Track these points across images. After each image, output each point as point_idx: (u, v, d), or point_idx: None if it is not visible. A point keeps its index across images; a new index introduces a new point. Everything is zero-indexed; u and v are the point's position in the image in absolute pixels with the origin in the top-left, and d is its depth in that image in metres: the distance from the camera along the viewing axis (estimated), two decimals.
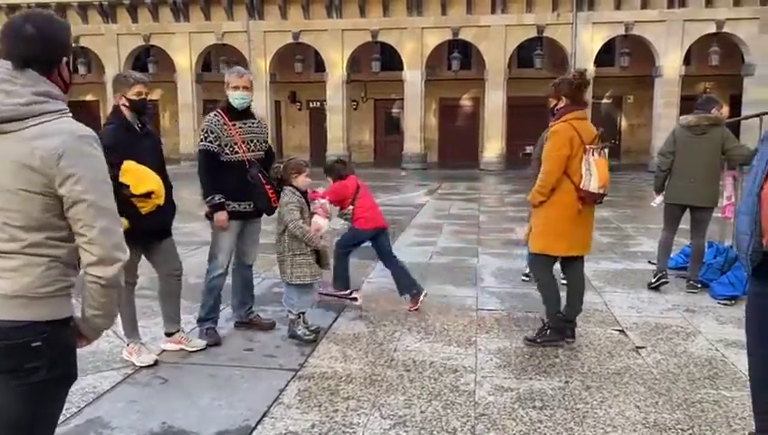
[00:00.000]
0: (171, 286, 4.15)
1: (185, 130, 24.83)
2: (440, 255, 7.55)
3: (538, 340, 4.35)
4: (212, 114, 4.34)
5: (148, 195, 3.67)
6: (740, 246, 2.38)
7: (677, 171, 5.70)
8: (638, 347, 4.33)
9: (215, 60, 25.84)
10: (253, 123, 4.45)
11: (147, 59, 24.61)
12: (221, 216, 4.26)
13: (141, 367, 3.89)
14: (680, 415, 3.29)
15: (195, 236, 8.71)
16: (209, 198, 4.25)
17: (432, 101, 26.00)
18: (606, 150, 4.25)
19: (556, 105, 4.40)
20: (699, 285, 5.76)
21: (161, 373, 3.85)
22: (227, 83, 4.36)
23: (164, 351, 4.18)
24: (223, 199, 4.26)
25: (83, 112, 28.67)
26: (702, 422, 3.21)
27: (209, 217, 4.37)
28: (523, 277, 6.19)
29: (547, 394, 3.54)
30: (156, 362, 3.96)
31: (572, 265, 4.45)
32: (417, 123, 23.30)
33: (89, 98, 28.78)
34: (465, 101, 26.93)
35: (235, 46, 23.76)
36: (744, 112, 18.08)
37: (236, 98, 4.36)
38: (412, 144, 23.48)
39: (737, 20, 20.54)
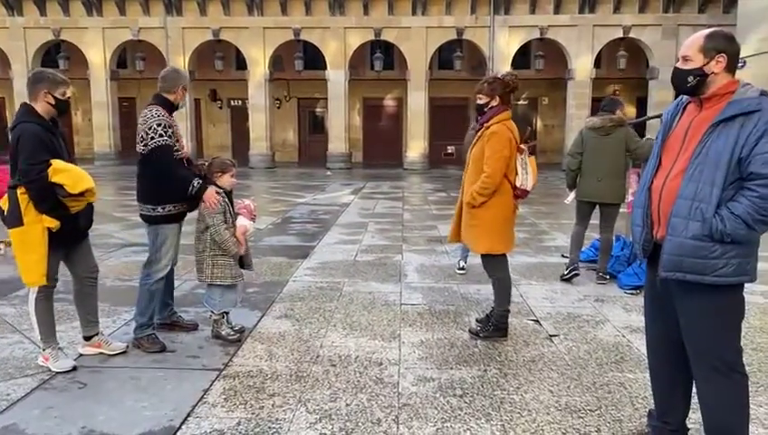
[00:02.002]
0: (88, 288, 4.04)
1: (99, 129, 23.87)
2: (365, 253, 7.65)
3: (481, 334, 4.47)
4: (157, 109, 4.16)
5: (82, 193, 3.61)
6: (634, 236, 2.60)
7: (586, 171, 6.00)
8: (551, 335, 4.57)
9: (130, 56, 24.97)
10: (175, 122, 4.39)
11: (57, 54, 23.48)
12: (212, 190, 4.21)
13: (58, 373, 3.78)
14: (589, 397, 3.51)
15: (110, 238, 8.47)
16: (192, 186, 4.14)
17: (356, 100, 26.13)
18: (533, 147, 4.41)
19: (488, 104, 4.35)
20: (608, 277, 6.11)
21: (80, 378, 3.73)
22: (184, 86, 4.31)
23: (81, 355, 4.06)
24: (201, 181, 4.21)
25: None
26: (609, 403, 3.44)
27: (148, 219, 4.24)
28: (458, 271, 6.52)
29: (467, 382, 3.70)
30: (74, 368, 3.84)
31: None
32: (342, 123, 23.32)
33: None
34: (389, 102, 27.20)
35: (152, 43, 23.03)
36: (650, 113, 19.22)
37: (185, 100, 4.44)
38: (337, 144, 23.49)
39: (642, 26, 21.78)
